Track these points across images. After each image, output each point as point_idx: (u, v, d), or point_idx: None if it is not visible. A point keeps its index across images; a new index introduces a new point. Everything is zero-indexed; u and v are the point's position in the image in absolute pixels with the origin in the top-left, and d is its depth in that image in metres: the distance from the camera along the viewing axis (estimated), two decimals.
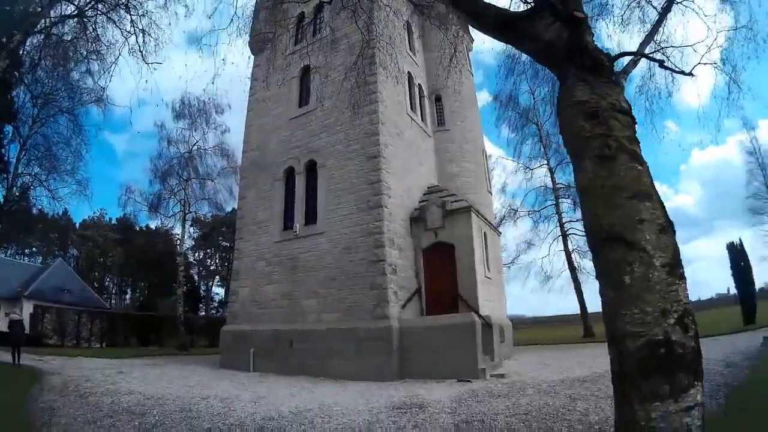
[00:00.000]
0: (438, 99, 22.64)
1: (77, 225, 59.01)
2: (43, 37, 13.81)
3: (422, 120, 20.77)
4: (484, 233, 17.80)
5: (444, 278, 16.19)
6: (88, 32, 13.21)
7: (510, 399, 9.62)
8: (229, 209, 38.36)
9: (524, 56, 32.22)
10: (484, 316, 14.68)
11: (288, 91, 19.81)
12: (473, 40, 27.45)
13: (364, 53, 11.76)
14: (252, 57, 22.46)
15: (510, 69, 32.46)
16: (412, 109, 19.88)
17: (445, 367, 13.00)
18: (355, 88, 17.74)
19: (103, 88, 21.79)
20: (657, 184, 3.62)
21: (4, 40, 12.31)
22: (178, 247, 32.35)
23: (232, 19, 9.45)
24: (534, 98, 32.06)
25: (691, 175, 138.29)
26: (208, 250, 59.77)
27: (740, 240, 24.10)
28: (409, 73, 20.53)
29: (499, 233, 21.86)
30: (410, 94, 20.22)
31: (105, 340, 27.69)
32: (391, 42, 19.14)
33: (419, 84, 21.50)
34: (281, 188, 18.48)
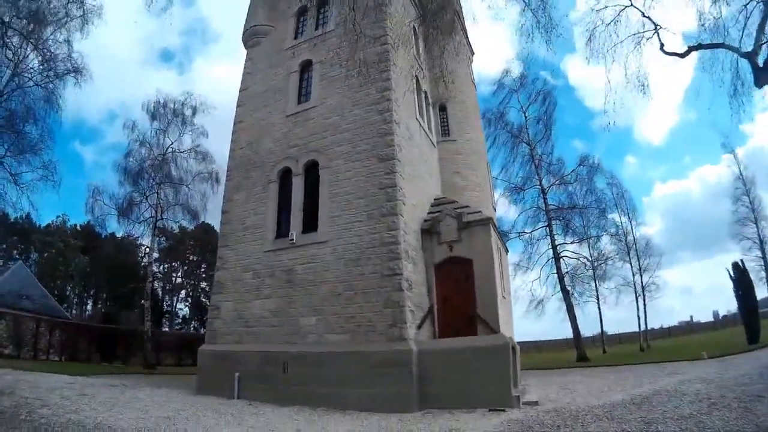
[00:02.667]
0: (442, 108, 21.36)
1: (40, 227, 55.02)
2: None
3: (428, 128, 19.32)
4: (499, 249, 16.31)
5: (459, 296, 14.53)
6: None
7: (575, 430, 8.17)
8: (201, 221, 35.83)
9: (516, 72, 31.89)
10: (507, 338, 13.07)
11: (285, 86, 18.13)
12: (474, 53, 26.53)
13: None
14: (246, 51, 20.72)
15: (500, 85, 32.36)
16: (420, 114, 18.42)
17: (472, 396, 11.29)
18: (367, 85, 16.33)
19: (81, 55, 19.58)
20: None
21: None
22: (146, 256, 29.44)
23: None
24: (526, 117, 31.38)
25: (653, 208, 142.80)
26: (174, 264, 56.53)
27: (742, 261, 24.07)
28: (416, 77, 19.14)
29: (507, 251, 20.45)
30: (418, 99, 18.78)
31: (65, 354, 24.61)
32: (403, 41, 17.86)
33: (425, 91, 20.13)
34: (275, 191, 16.52)
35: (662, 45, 10.32)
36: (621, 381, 15.18)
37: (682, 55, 9.96)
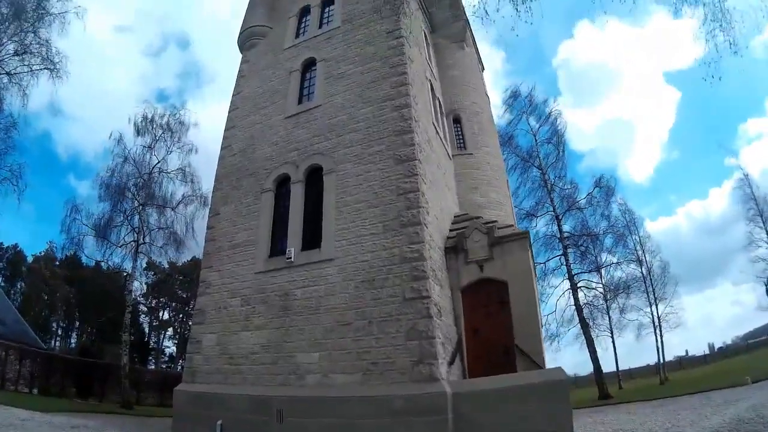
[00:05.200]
0: (456, 120, 19.32)
1: (29, 258, 53.19)
2: None
3: (444, 138, 17.18)
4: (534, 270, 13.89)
5: (492, 325, 11.99)
6: None
7: None
8: (189, 255, 32.92)
9: (525, 91, 30.14)
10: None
11: (284, 87, 16.08)
12: (484, 68, 24.80)
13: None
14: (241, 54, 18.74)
15: (510, 106, 30.54)
16: (435, 121, 16.31)
17: None
18: (380, 80, 14.22)
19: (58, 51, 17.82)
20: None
21: None
22: (126, 284, 26.27)
23: None
24: (536, 140, 29.41)
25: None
26: (162, 299, 53.41)
27: None
28: (430, 81, 17.16)
29: (536, 275, 18.01)
30: (433, 105, 16.70)
31: (36, 385, 21.62)
32: (416, 40, 15.90)
33: (438, 98, 18.12)
34: (270, 201, 14.08)
35: None
36: (676, 415, 12.68)
37: None
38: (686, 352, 59.51)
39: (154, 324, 54.25)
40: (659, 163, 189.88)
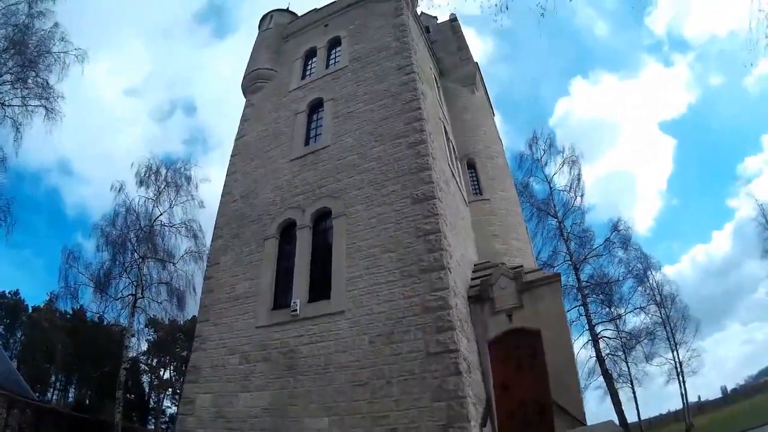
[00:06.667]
0: (471, 165, 18.43)
1: (30, 308, 51.16)
2: None
3: (460, 182, 16.26)
4: None
5: (524, 380, 10.59)
6: None
7: None
8: (189, 313, 31.38)
9: (543, 137, 29.52)
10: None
11: (289, 129, 15.38)
12: (494, 113, 24.32)
13: None
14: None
15: (521, 156, 29.95)
16: (451, 163, 15.46)
17: None
18: (392, 117, 13.42)
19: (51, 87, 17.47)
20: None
21: None
22: (123, 339, 24.57)
23: None
24: (551, 188, 28.63)
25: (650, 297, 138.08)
26: (164, 358, 51.30)
27: None
28: (443, 123, 16.48)
29: None
30: (447, 147, 15.90)
31: None
32: (426, 79, 15.31)
33: (452, 141, 17.37)
34: (273, 249, 12.93)
35: None
36: None
37: None
38: (699, 397, 56.79)
39: (154, 383, 51.93)
40: (659, 212, 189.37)
